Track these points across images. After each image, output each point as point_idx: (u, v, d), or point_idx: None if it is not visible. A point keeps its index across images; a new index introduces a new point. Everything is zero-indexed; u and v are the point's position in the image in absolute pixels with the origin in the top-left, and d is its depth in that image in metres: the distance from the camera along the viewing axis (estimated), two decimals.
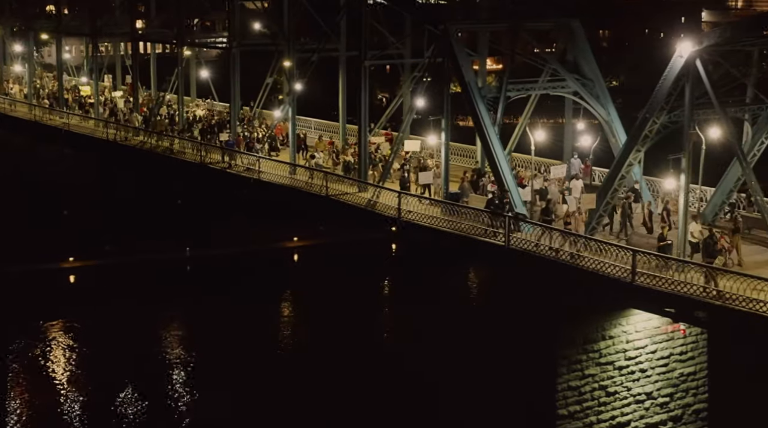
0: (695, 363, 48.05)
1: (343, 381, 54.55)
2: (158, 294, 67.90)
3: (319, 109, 70.55)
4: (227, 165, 59.68)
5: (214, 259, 76.28)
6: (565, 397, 45.03)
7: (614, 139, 49.40)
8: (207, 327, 64.08)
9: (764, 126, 45.15)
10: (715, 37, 39.81)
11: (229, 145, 61.16)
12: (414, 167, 54.00)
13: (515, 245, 44.47)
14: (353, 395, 53.19)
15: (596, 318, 44.89)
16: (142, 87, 79.22)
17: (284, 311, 69.48)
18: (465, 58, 48.36)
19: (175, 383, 56.73)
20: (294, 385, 54.69)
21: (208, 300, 66.90)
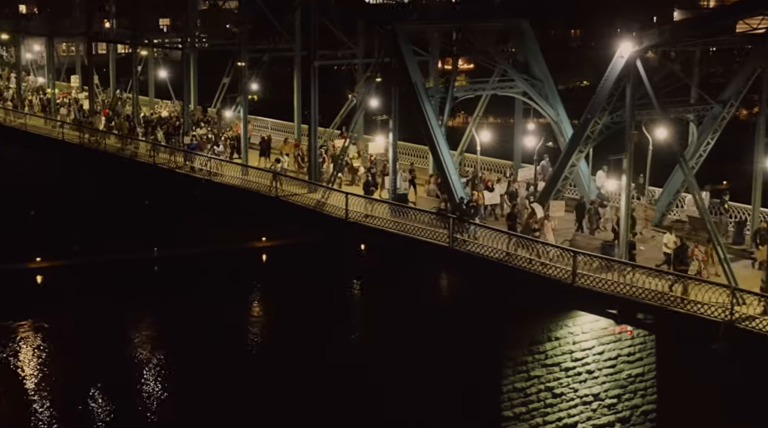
0: (643, 364, 47.90)
1: (294, 381, 54.23)
2: (126, 293, 67.51)
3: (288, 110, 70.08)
4: (175, 165, 59.23)
5: (181, 259, 75.82)
6: (511, 399, 44.78)
7: (563, 139, 49.21)
8: (175, 326, 63.76)
9: (710, 126, 45.13)
10: (654, 38, 39.68)
11: (192, 148, 60.73)
12: (380, 171, 53.41)
13: (459, 246, 44.23)
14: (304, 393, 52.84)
15: (542, 319, 44.69)
16: (100, 87, 78.74)
17: (251, 310, 69.18)
18: (411, 58, 48.08)
19: (145, 383, 56.35)
20: (258, 384, 54.49)
21: (177, 300, 66.52)
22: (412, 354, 52.27)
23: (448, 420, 46.66)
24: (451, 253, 44.37)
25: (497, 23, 51.68)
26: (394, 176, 49.88)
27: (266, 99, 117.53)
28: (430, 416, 47.53)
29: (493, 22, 51.56)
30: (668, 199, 46.63)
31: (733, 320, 35.96)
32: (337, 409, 50.98)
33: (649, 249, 43.05)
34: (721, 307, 36.38)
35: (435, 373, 47.53)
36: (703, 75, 44.58)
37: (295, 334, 61.80)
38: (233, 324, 64.34)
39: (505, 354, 44.46)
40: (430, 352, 48.22)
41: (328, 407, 51.40)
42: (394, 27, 47.95)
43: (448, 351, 46.39)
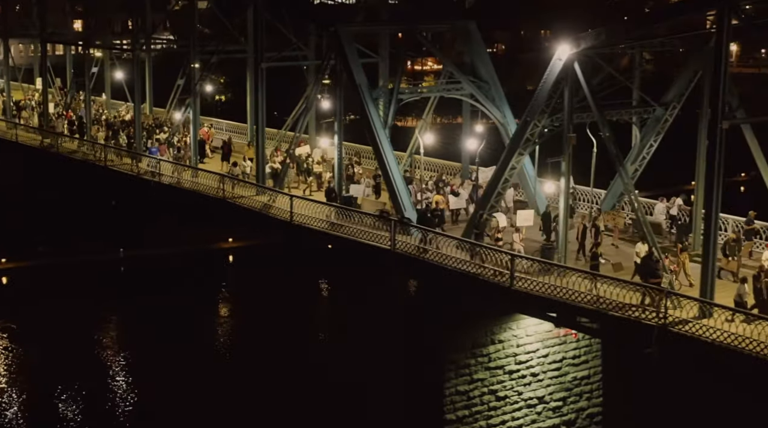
0: (589, 366, 47.82)
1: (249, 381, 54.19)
2: (93, 294, 67.31)
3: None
4: (130, 168, 59.04)
5: (148, 260, 75.64)
6: (453, 402, 44.60)
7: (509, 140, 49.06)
8: (141, 327, 63.85)
9: (652, 129, 45.10)
10: (591, 40, 39.56)
11: (152, 153, 60.42)
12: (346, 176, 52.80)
13: (401, 249, 44.07)
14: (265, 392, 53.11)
15: (485, 322, 44.52)
16: (63, 89, 78.38)
17: (217, 310, 69.04)
18: (356, 60, 47.93)
19: (112, 383, 56.12)
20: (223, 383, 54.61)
21: (143, 301, 66.46)
22: (357, 357, 52.12)
23: (390, 423, 46.47)
24: (392, 256, 44.16)
25: (444, 25, 51.51)
26: (339, 178, 49.67)
27: (233, 100, 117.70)
28: (374, 418, 47.33)
29: (439, 24, 51.38)
30: (612, 202, 46.54)
31: (666, 324, 35.82)
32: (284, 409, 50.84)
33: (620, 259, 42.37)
34: (654, 311, 36.22)
35: (378, 376, 47.31)
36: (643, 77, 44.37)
37: (258, 335, 62.05)
38: (199, 324, 64.33)
39: (448, 357, 44.24)
40: (374, 355, 48.01)
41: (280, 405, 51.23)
42: (338, 29, 47.77)
43: (392, 354, 46.10)
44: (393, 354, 45.97)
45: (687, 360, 36.95)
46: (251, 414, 51.35)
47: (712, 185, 36.34)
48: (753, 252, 42.54)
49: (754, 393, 36.57)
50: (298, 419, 50.35)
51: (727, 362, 34.31)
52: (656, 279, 37.18)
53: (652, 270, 37.66)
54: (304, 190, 53.36)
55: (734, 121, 36.48)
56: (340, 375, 52.08)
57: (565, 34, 40.02)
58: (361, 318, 56.80)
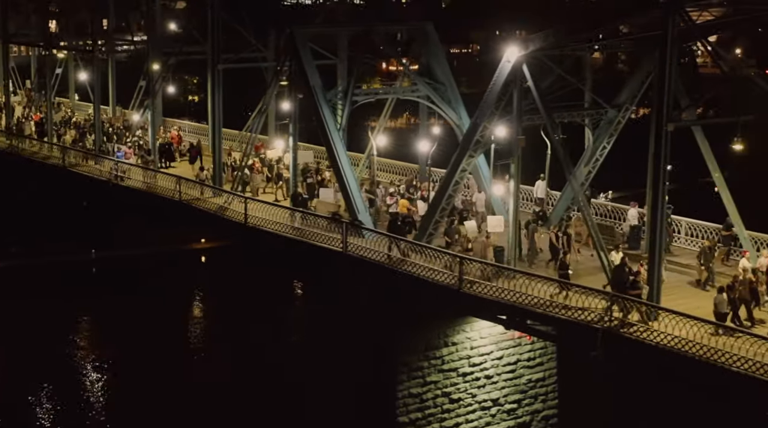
0: (544, 369, 47.83)
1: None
2: (65, 295, 67.03)
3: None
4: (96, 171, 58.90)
5: (120, 261, 75.41)
6: (406, 404, 44.52)
7: None
8: (113, 327, 63.53)
9: (605, 130, 45.03)
10: (539, 42, 39.50)
11: (119, 156, 60.16)
12: (316, 181, 52.59)
13: (352, 251, 43.98)
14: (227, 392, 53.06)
15: (438, 324, 44.45)
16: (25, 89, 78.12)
17: (189, 311, 68.92)
18: (310, 61, 47.83)
19: (83, 383, 56.00)
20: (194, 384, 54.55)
21: (115, 301, 66.18)
22: (311, 358, 51.94)
23: (342, 425, 46.31)
24: (344, 259, 44.09)
25: (401, 27, 51.43)
26: (294, 180, 49.56)
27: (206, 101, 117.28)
28: (326, 420, 47.14)
29: (397, 25, 51.29)
30: (566, 204, 46.41)
31: (611, 327, 35.79)
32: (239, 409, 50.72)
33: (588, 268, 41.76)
34: (600, 314, 36.20)
35: (331, 377, 47.11)
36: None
37: (225, 335, 62.45)
38: (170, 324, 64.13)
39: (401, 360, 44.16)
40: (328, 356, 47.80)
41: (236, 405, 51.14)
42: (293, 31, 47.64)
43: (345, 355, 45.94)
44: (346, 355, 45.74)
45: (633, 362, 36.84)
46: (211, 414, 51.15)
47: (657, 187, 36.23)
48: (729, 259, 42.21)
49: (699, 395, 36.52)
50: (251, 420, 50.13)
51: (671, 365, 34.31)
52: (636, 292, 36.38)
53: (624, 280, 36.80)
54: (276, 194, 52.96)
55: (679, 124, 36.37)
56: (294, 375, 51.88)
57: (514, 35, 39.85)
58: (316, 319, 56.61)
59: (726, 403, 35.47)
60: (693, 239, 44.41)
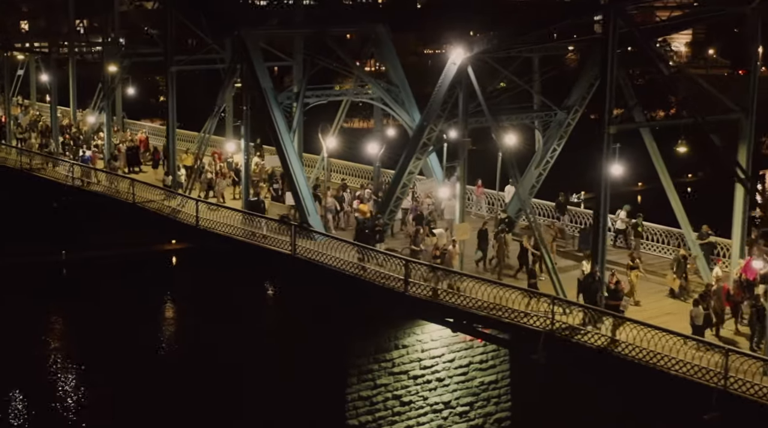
0: (497, 371, 47.74)
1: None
2: (35, 296, 67.02)
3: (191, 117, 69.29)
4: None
5: (90, 262, 75.33)
6: (356, 407, 44.37)
7: None
8: (83, 328, 63.82)
9: (555, 133, 44.90)
10: (484, 44, 39.42)
11: (85, 160, 59.79)
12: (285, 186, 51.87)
13: (301, 254, 43.84)
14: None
15: (388, 327, 44.31)
16: None
17: (158, 312, 68.84)
18: (261, 63, 47.64)
19: (54, 384, 56.07)
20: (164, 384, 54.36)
21: (84, 302, 66.45)
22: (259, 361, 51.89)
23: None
24: (292, 261, 43.96)
25: (354, 29, 51.27)
26: (246, 183, 49.36)
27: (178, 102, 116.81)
28: (275, 424, 47.03)
29: (349, 27, 51.13)
30: (518, 206, 46.22)
31: (554, 330, 35.71)
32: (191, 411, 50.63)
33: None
34: (542, 317, 36.13)
35: (279, 381, 47.02)
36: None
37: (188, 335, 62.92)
38: (139, 325, 64.00)
39: (350, 362, 44.00)
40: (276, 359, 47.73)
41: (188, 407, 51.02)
42: (243, 33, 47.47)
43: (295, 358, 45.83)
44: (296, 358, 45.63)
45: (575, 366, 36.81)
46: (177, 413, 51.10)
47: (601, 190, 36.18)
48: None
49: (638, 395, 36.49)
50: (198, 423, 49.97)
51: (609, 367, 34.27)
52: (616, 302, 35.52)
53: (594, 289, 36.06)
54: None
55: (621, 126, 36.31)
56: (245, 376, 51.73)
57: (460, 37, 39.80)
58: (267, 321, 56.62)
59: (668, 407, 35.43)
60: (665, 246, 43.85)
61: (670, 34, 60.56)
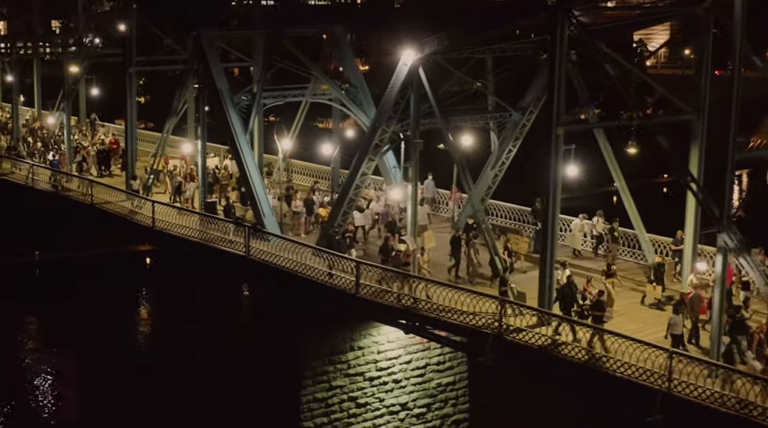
0: (454, 373, 47.61)
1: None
2: (7, 296, 66.41)
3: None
4: None
5: (64, 263, 74.96)
6: (311, 409, 44.21)
7: None
8: (58, 329, 63.35)
9: (510, 134, 44.86)
10: (435, 45, 39.31)
11: (54, 165, 59.44)
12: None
13: (255, 256, 43.71)
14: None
15: (344, 328, 44.17)
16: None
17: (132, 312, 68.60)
18: (217, 64, 47.51)
19: (30, 385, 55.69)
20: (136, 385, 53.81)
21: (57, 303, 65.83)
22: (213, 363, 51.70)
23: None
24: (246, 263, 43.84)
25: (311, 30, 51.15)
26: (204, 186, 49.23)
27: (152, 102, 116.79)
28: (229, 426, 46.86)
29: (307, 28, 51.02)
30: (471, 210, 46.08)
31: (501, 332, 35.63)
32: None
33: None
34: (491, 318, 36.03)
35: (233, 383, 46.84)
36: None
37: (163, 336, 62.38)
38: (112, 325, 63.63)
39: (305, 364, 43.84)
40: (231, 361, 47.55)
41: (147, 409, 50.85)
42: (200, 34, 47.34)
43: (249, 360, 45.66)
44: (250, 359, 45.46)
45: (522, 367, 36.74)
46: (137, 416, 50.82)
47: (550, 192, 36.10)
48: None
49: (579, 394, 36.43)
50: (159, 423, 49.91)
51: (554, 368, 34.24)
52: (599, 313, 34.73)
53: (572, 299, 35.61)
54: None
55: (568, 128, 36.22)
56: (200, 378, 51.55)
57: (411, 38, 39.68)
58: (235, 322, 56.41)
59: (614, 409, 35.42)
60: (640, 252, 43.25)
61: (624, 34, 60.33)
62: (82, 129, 68.34)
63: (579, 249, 44.96)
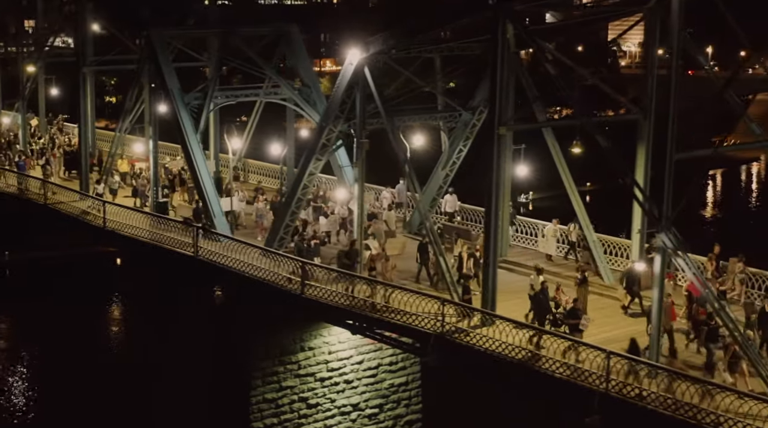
0: (407, 373, 47.53)
1: None
2: None
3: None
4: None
5: (34, 263, 74.82)
6: (261, 410, 44.05)
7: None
8: (28, 328, 63.88)
9: (461, 133, 44.79)
10: (380, 44, 39.16)
11: (20, 167, 59.01)
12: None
13: (203, 256, 43.54)
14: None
15: (294, 329, 44.00)
16: None
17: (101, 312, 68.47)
18: (168, 63, 47.33)
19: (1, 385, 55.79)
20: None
21: (27, 303, 66.33)
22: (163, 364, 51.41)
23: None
24: (196, 263, 43.68)
25: (265, 29, 51.00)
26: (156, 186, 49.04)
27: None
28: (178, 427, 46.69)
29: (260, 27, 50.88)
30: (425, 207, 45.94)
31: (444, 332, 35.53)
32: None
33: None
34: (433, 320, 35.93)
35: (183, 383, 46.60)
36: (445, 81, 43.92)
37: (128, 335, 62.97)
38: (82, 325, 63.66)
39: (255, 365, 43.66)
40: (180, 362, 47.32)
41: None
42: (150, 33, 47.15)
43: (198, 361, 45.45)
44: (199, 360, 45.26)
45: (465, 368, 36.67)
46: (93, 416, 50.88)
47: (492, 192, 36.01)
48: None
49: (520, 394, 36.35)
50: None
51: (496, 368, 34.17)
52: (575, 321, 33.99)
53: (544, 308, 35.13)
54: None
55: (511, 127, 36.13)
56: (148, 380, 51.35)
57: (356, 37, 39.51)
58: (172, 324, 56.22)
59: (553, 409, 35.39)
60: (616, 258, 42.38)
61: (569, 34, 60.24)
62: (50, 130, 67.83)
63: (553, 254, 43.94)
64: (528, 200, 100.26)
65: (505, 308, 36.29)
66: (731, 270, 38.57)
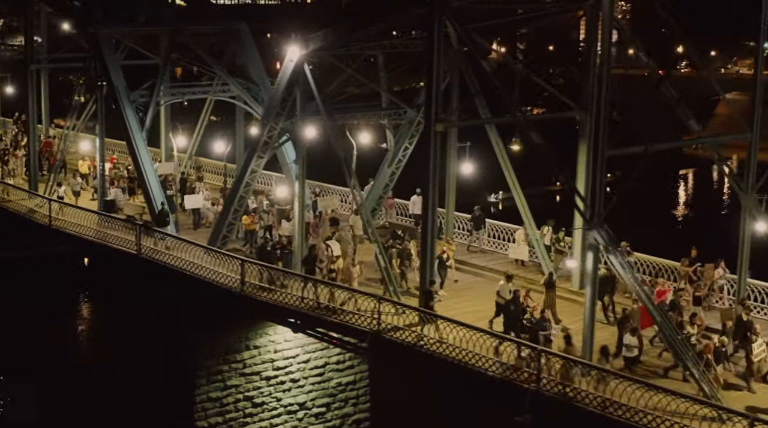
0: (355, 372, 47.26)
1: None
2: None
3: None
4: None
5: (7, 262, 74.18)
6: (205, 409, 43.75)
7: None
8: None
9: (406, 131, 44.63)
10: (319, 41, 38.97)
11: None
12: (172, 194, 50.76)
13: (146, 254, 43.32)
14: None
15: (239, 327, 43.75)
16: None
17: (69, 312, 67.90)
18: (114, 61, 47.10)
19: None
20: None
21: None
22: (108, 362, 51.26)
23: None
24: (138, 262, 43.47)
25: (214, 27, 50.78)
26: (102, 182, 48.80)
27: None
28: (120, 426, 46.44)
29: (210, 25, 50.64)
30: (371, 205, 45.92)
31: (380, 330, 35.40)
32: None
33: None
34: (370, 317, 35.81)
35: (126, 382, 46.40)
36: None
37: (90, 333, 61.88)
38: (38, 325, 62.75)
39: (199, 364, 43.41)
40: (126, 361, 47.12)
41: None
42: (96, 31, 46.90)
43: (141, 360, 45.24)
44: (143, 359, 45.05)
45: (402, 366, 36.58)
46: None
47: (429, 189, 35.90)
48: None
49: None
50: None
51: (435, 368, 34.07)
52: (545, 332, 33.03)
53: (515, 317, 34.25)
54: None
55: (448, 124, 36.06)
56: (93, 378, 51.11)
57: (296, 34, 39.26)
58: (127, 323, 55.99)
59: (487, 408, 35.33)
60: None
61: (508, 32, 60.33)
62: (12, 131, 67.35)
63: (526, 259, 42.83)
64: (498, 199, 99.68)
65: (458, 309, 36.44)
66: (707, 276, 38.07)
